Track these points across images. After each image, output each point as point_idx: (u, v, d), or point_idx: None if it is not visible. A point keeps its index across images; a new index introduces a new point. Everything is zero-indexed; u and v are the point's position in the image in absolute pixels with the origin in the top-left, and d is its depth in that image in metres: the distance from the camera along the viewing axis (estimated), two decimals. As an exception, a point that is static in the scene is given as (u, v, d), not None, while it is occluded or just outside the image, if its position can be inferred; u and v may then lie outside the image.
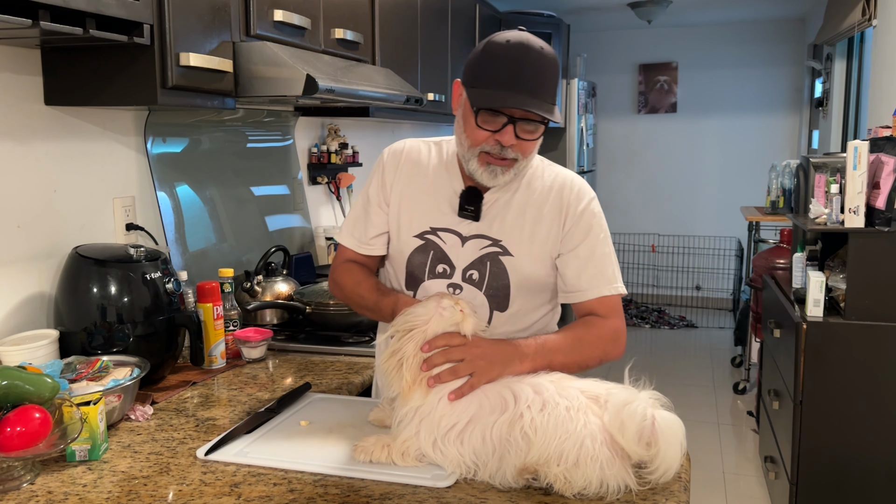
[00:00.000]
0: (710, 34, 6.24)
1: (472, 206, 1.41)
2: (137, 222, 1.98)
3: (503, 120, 1.30)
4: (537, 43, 1.30)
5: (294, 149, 2.77)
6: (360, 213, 1.52)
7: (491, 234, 1.42)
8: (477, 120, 1.31)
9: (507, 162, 1.34)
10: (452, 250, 1.43)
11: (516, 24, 4.96)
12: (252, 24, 1.81)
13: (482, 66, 1.31)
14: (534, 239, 1.42)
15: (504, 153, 1.33)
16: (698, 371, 4.84)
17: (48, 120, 1.72)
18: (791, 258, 2.97)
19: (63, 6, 1.22)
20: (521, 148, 1.33)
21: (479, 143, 1.33)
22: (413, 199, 1.46)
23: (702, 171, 6.43)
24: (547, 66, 1.29)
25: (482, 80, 1.30)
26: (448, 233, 1.43)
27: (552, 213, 1.42)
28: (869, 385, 2.51)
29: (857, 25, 3.76)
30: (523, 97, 1.27)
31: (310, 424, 1.38)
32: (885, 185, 2.38)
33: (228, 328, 1.87)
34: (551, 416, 1.15)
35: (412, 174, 1.48)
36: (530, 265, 1.42)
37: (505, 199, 1.42)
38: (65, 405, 1.24)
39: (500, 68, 1.28)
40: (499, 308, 1.43)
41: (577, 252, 1.41)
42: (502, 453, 1.15)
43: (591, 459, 1.11)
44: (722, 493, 3.22)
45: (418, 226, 1.45)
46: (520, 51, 1.28)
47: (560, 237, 1.42)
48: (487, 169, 1.34)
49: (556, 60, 1.31)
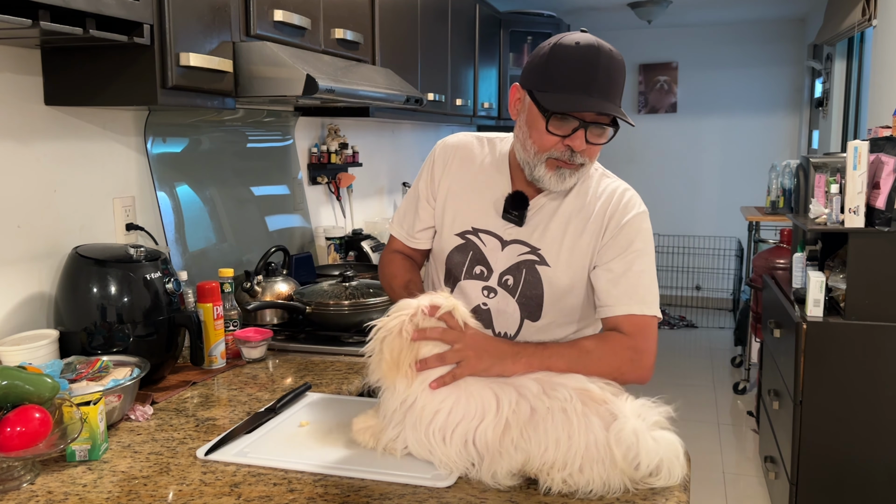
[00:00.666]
0: (710, 34, 6.24)
1: (517, 210, 1.38)
2: (137, 222, 1.98)
3: (574, 124, 1.27)
4: (606, 45, 1.27)
5: (294, 149, 2.77)
6: (409, 206, 1.54)
7: (531, 241, 1.39)
8: (548, 125, 1.28)
9: (576, 166, 1.32)
10: (492, 253, 1.41)
11: (516, 23, 4.98)
12: (252, 24, 1.81)
13: (551, 70, 1.27)
14: (573, 251, 1.38)
15: (574, 158, 1.30)
16: (698, 371, 4.84)
17: (48, 120, 1.72)
18: (791, 258, 2.96)
19: (63, 6, 1.22)
20: (589, 153, 1.31)
21: (549, 149, 1.30)
22: (459, 197, 1.45)
23: (702, 171, 6.43)
24: (617, 68, 1.27)
25: (553, 84, 1.26)
26: (489, 235, 1.42)
27: (595, 224, 1.38)
28: (869, 385, 2.51)
29: (857, 25, 3.76)
30: (596, 100, 1.24)
31: (310, 424, 1.38)
32: (885, 185, 2.38)
33: (228, 328, 1.87)
34: (543, 423, 1.13)
35: (461, 170, 1.46)
36: (566, 277, 1.39)
37: (551, 206, 1.40)
38: (65, 405, 1.24)
39: (571, 71, 1.25)
40: (530, 317, 1.41)
41: (610, 265, 1.35)
42: (491, 459, 1.14)
43: (597, 463, 1.10)
44: (722, 493, 3.22)
45: (461, 224, 1.44)
46: (591, 53, 1.25)
47: (597, 248, 1.37)
48: (557, 173, 1.32)
49: (623, 62, 1.29)
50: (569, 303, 1.42)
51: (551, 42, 1.30)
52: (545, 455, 1.11)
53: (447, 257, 1.46)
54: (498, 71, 4.65)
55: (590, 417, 1.14)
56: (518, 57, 5.02)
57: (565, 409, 1.14)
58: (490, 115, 4.48)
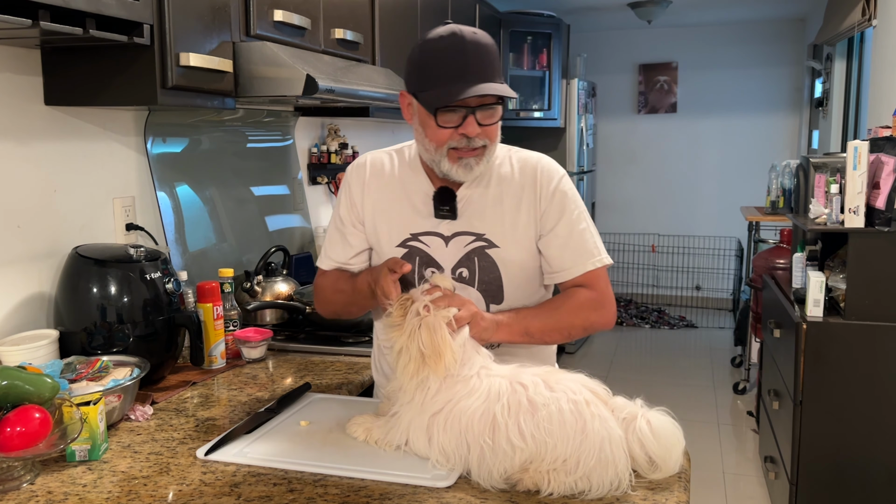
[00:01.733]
0: (710, 34, 6.24)
1: (447, 205, 1.42)
2: (137, 222, 1.98)
3: (462, 113, 1.31)
4: (468, 29, 1.32)
5: (294, 149, 2.77)
6: (335, 237, 1.52)
7: (473, 229, 1.43)
8: (437, 121, 1.32)
9: (478, 151, 1.36)
10: (438, 252, 1.43)
11: (516, 24, 4.98)
12: (252, 24, 1.81)
13: (426, 69, 1.32)
14: (516, 226, 1.43)
15: (472, 143, 1.34)
16: (698, 371, 4.84)
17: (48, 120, 1.72)
18: (791, 258, 2.96)
19: (63, 6, 1.22)
20: (486, 134, 1.35)
21: (445, 143, 1.34)
22: (386, 211, 1.47)
23: (702, 171, 6.43)
24: (486, 48, 1.31)
25: (431, 82, 1.31)
26: (429, 236, 1.44)
27: (527, 197, 1.43)
28: (869, 385, 2.51)
29: (857, 25, 3.76)
30: (474, 85, 1.28)
31: (310, 424, 1.38)
32: (885, 185, 2.38)
33: (228, 328, 1.87)
34: (543, 421, 1.13)
35: (380, 185, 1.48)
36: (517, 253, 1.42)
37: (479, 192, 1.43)
38: (65, 405, 1.24)
39: (444, 65, 1.30)
40: (494, 301, 1.43)
41: (556, 232, 1.42)
42: (493, 454, 1.13)
43: (611, 464, 1.10)
44: (722, 493, 3.22)
45: (398, 235, 1.46)
46: (457, 41, 1.30)
47: (537, 219, 1.43)
48: (460, 164, 1.36)
49: (491, 40, 1.33)
50: (526, 277, 1.46)
51: (420, 43, 1.35)
52: (554, 452, 1.11)
53: None
54: (498, 71, 4.65)
55: (598, 416, 1.14)
56: (518, 57, 5.02)
57: (577, 408, 1.14)
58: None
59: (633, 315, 6.18)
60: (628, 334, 5.76)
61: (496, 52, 1.33)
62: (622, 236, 6.64)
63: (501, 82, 1.32)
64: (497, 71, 1.32)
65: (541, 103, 5.05)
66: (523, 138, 5.24)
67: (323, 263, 1.55)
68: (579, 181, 5.32)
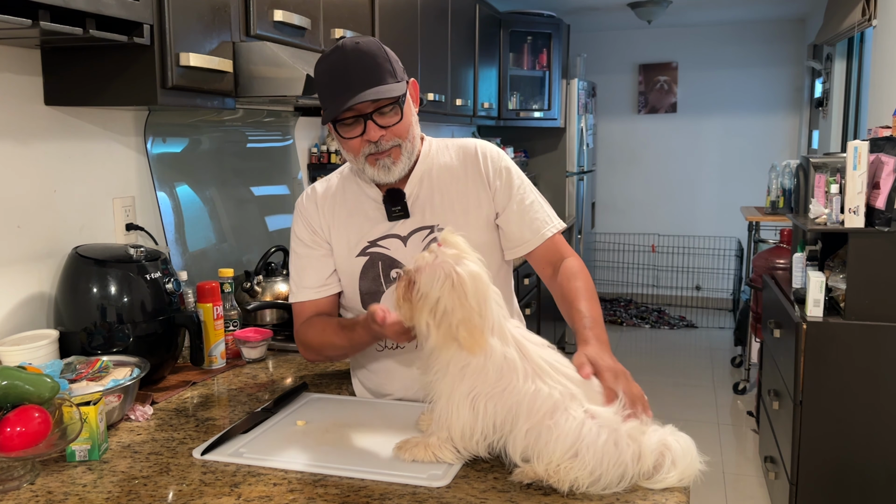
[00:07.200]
0: (710, 34, 6.24)
1: (398, 205, 1.46)
2: (137, 222, 1.98)
3: (360, 122, 1.36)
4: (350, 40, 1.36)
5: (294, 149, 2.77)
6: (303, 265, 1.53)
7: (426, 223, 1.47)
8: (341, 134, 1.38)
9: (391, 150, 1.40)
10: (398, 252, 1.47)
11: (516, 24, 4.98)
12: (252, 25, 1.81)
13: (319, 88, 1.38)
14: (467, 210, 1.47)
15: (380, 146, 1.38)
16: (698, 371, 4.84)
17: (48, 120, 1.72)
18: (791, 258, 2.96)
19: (63, 6, 1.22)
20: (394, 133, 1.39)
21: (360, 151, 1.40)
22: (343, 226, 1.50)
23: (702, 171, 6.43)
24: (366, 54, 1.35)
25: (323, 100, 1.38)
26: (387, 239, 1.47)
27: (474, 180, 1.48)
28: (869, 385, 2.51)
29: (857, 25, 3.76)
30: (356, 92, 1.32)
31: (307, 424, 1.38)
32: (885, 185, 2.38)
33: (228, 328, 1.87)
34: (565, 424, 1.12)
35: (333, 205, 1.52)
36: (476, 236, 1.40)
37: (424, 187, 1.48)
38: (65, 405, 1.24)
39: (329, 80, 1.36)
40: None
41: (511, 207, 1.49)
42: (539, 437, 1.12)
43: (616, 465, 1.10)
44: (722, 493, 3.22)
45: (357, 244, 1.49)
46: (337, 56, 1.35)
47: (490, 198, 1.48)
48: (378, 166, 1.40)
49: (375, 44, 1.37)
50: (485, 256, 1.43)
51: (315, 65, 1.40)
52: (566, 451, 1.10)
53: (360, 280, 1.49)
54: (498, 71, 4.65)
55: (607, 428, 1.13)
56: (518, 57, 5.02)
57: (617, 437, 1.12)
58: (490, 115, 4.48)
59: (633, 315, 6.18)
60: (628, 334, 5.76)
61: (383, 55, 1.37)
62: (622, 236, 6.64)
63: (389, 82, 1.35)
64: (382, 72, 1.35)
65: (541, 103, 5.05)
66: (523, 138, 5.25)
67: (299, 296, 1.53)
68: (579, 181, 5.33)
